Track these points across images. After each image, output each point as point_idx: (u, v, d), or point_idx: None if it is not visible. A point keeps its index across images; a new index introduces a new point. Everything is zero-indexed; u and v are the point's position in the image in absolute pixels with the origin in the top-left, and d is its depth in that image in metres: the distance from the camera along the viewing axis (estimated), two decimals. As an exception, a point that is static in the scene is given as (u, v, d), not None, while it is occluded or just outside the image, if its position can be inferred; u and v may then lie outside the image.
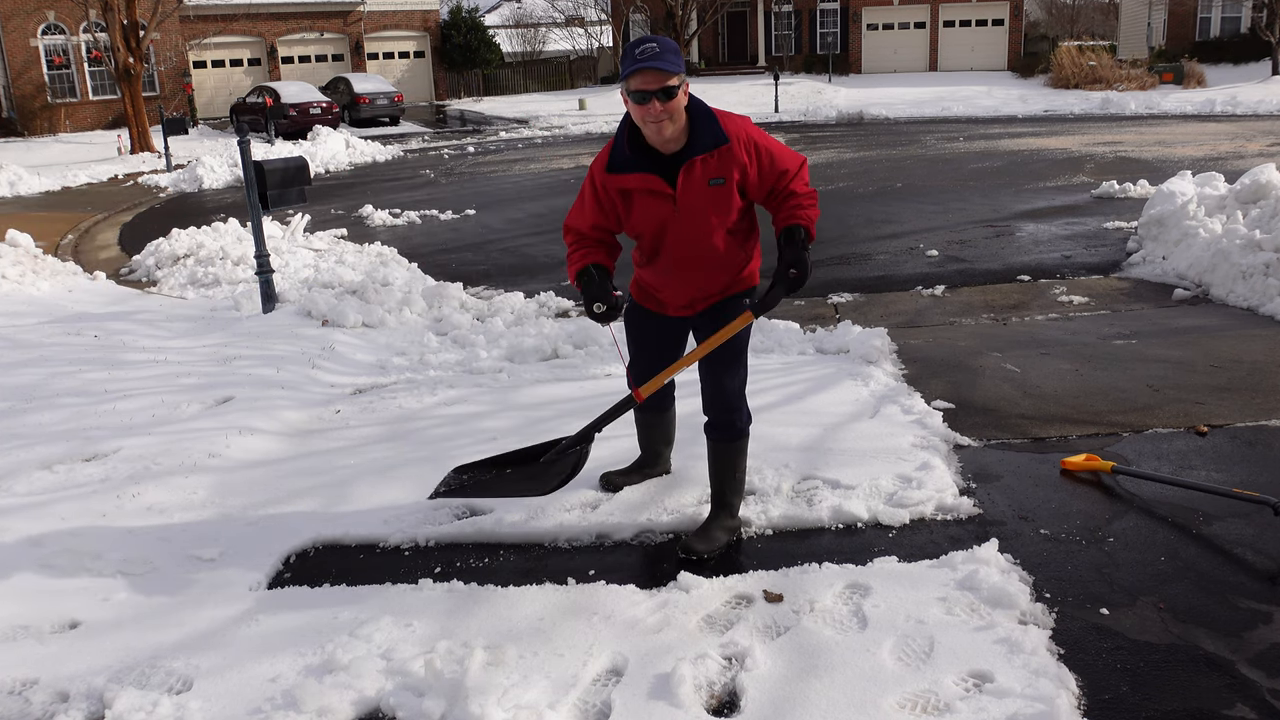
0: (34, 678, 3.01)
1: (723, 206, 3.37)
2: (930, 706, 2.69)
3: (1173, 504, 3.84)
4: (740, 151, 3.31)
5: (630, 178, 3.35)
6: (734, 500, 3.75)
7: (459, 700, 2.74)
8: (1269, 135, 18.25)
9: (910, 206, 12.08)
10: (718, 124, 3.29)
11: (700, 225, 3.39)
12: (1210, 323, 6.40)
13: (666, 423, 4.12)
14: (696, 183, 3.31)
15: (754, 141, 3.34)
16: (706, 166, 3.30)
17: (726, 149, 3.29)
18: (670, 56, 3.16)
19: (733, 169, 3.31)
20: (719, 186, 3.32)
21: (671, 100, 3.18)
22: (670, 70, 3.15)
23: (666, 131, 3.23)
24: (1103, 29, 46.93)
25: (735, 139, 3.30)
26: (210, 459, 4.71)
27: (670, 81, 3.15)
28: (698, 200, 3.34)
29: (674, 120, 3.22)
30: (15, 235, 10.38)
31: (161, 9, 25.54)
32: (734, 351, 3.60)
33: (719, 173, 3.31)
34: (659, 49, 3.17)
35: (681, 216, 3.37)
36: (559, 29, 48.96)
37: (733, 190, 3.35)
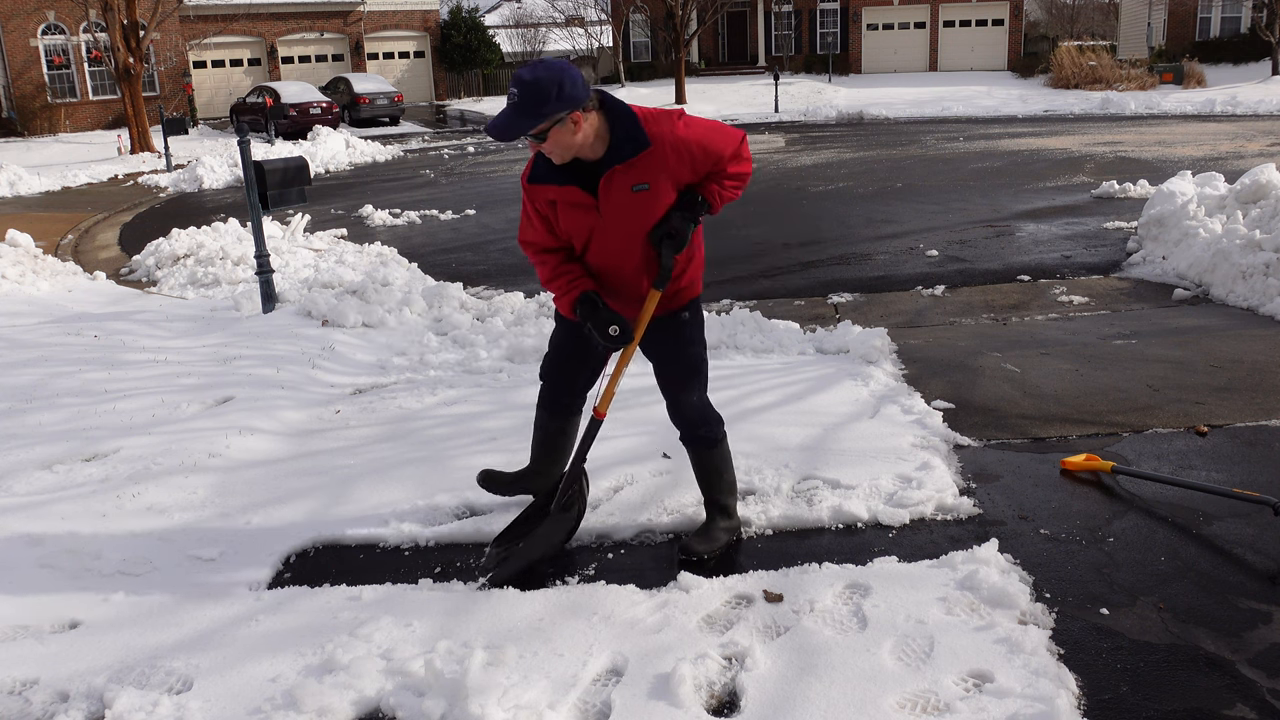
0: (34, 677, 3.01)
1: (649, 212, 3.23)
2: (930, 706, 2.69)
3: (1173, 504, 3.84)
4: (666, 154, 3.16)
5: (550, 189, 3.24)
6: (728, 501, 3.73)
7: (459, 700, 2.74)
8: (1269, 135, 18.25)
9: (910, 206, 12.08)
10: (639, 128, 3.13)
11: (626, 233, 3.27)
12: (1210, 323, 6.40)
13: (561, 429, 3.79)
14: (618, 191, 3.19)
15: (681, 141, 3.17)
16: (628, 174, 3.15)
17: (648, 154, 3.14)
18: (531, 108, 2.99)
19: (658, 173, 3.17)
20: (643, 192, 3.18)
21: (544, 141, 3.07)
22: (523, 128, 3.03)
23: (560, 160, 3.16)
24: (1103, 29, 46.91)
25: (659, 141, 3.14)
26: (210, 459, 4.71)
27: (533, 133, 3.04)
28: (621, 208, 3.22)
29: (565, 147, 3.11)
30: (15, 235, 10.38)
31: (161, 9, 25.54)
32: (687, 366, 3.52)
33: (643, 178, 3.16)
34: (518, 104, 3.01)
35: (607, 225, 3.26)
36: (559, 29, 48.94)
37: (659, 195, 3.21)
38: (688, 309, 3.50)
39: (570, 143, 3.09)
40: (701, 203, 3.28)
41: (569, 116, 3.04)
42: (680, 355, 3.52)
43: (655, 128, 3.16)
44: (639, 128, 3.14)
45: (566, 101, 3.01)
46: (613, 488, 4.18)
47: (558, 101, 3.00)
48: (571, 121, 3.05)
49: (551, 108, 3.00)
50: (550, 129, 3.05)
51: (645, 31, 43.04)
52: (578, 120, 3.06)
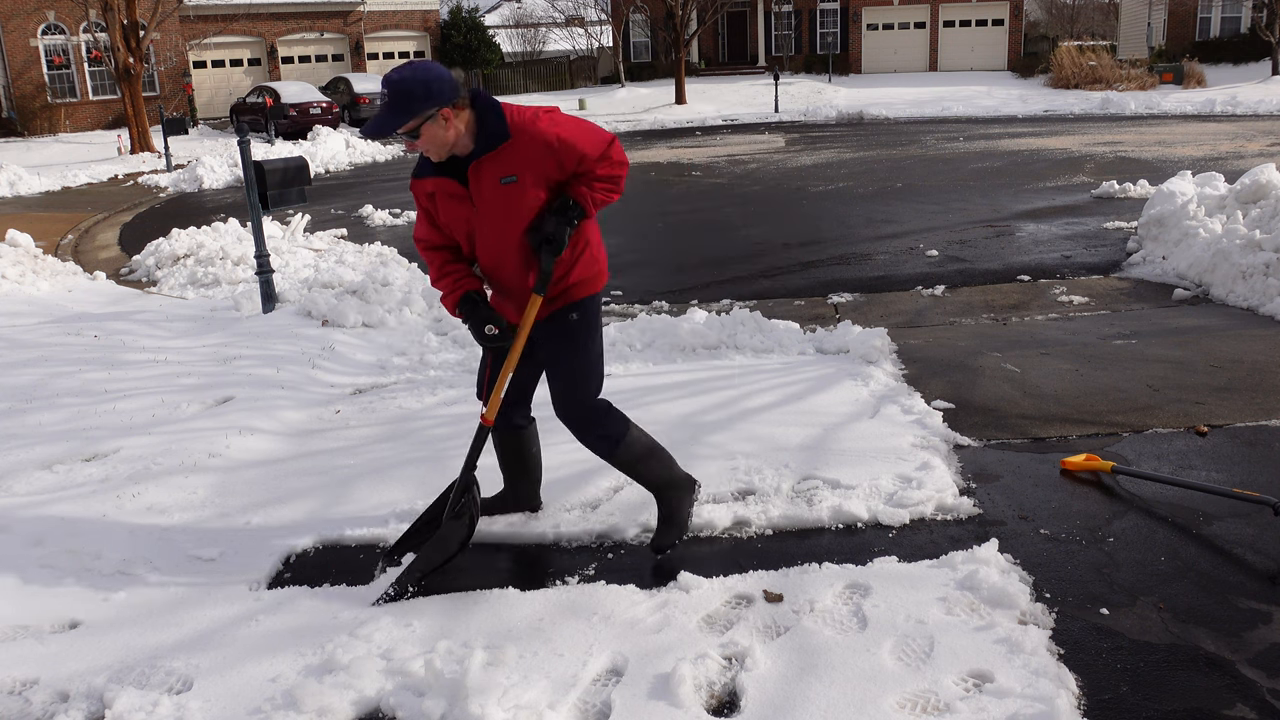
0: (34, 677, 3.01)
1: (520, 205, 3.27)
2: (930, 706, 2.69)
3: (1173, 504, 3.84)
4: (528, 146, 3.21)
5: (428, 182, 3.36)
6: (663, 474, 3.64)
7: (459, 700, 2.74)
8: (1269, 135, 18.25)
9: (910, 206, 12.08)
10: (503, 121, 3.21)
11: (500, 225, 3.32)
12: (1210, 323, 6.40)
13: (515, 447, 3.83)
14: (486, 182, 3.26)
15: (540, 133, 3.21)
16: (495, 165, 3.23)
17: (509, 145, 3.21)
18: (401, 106, 3.12)
19: (523, 166, 3.23)
20: (511, 184, 3.24)
21: (418, 139, 3.19)
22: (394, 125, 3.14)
23: (437, 157, 3.26)
24: (1103, 29, 46.92)
25: (520, 134, 3.21)
26: (210, 459, 4.71)
27: (402, 131, 3.15)
28: (491, 200, 3.27)
29: (440, 144, 3.21)
30: (15, 235, 10.38)
31: (161, 9, 25.55)
32: (571, 368, 3.48)
33: (509, 170, 3.23)
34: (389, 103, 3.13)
35: (482, 217, 3.32)
36: (559, 29, 48.94)
37: (526, 188, 3.25)
38: (576, 309, 3.46)
39: (444, 139, 3.21)
40: (573, 205, 3.28)
41: (439, 113, 3.16)
42: (563, 357, 3.48)
43: (518, 119, 3.24)
44: (502, 121, 3.23)
45: (434, 99, 3.14)
46: (613, 488, 4.18)
47: (425, 100, 3.13)
48: (442, 118, 3.17)
49: (419, 106, 3.13)
50: (422, 127, 3.17)
51: (645, 31, 43.04)
52: (448, 117, 3.18)
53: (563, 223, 3.27)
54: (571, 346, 3.48)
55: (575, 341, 3.48)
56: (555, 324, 3.47)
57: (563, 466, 4.39)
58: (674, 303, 7.87)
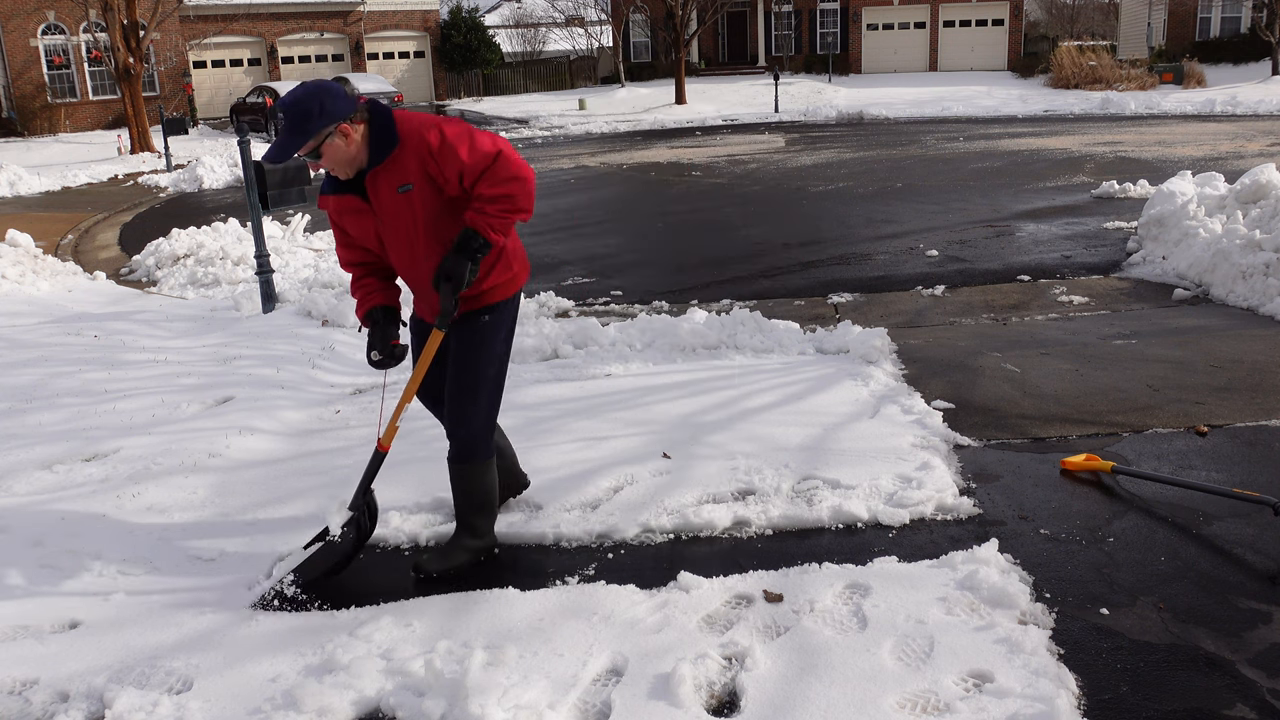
0: (34, 677, 3.01)
1: (420, 212, 3.27)
2: (930, 706, 2.69)
3: (1173, 504, 3.84)
4: (414, 152, 3.20)
5: (331, 200, 3.39)
6: (475, 521, 3.61)
7: (459, 700, 2.74)
8: (1269, 135, 18.26)
9: (910, 206, 12.09)
10: (392, 130, 3.21)
11: (405, 233, 3.33)
12: (1210, 323, 6.40)
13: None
14: (384, 192, 3.26)
15: (424, 142, 3.19)
16: (389, 175, 3.24)
17: (398, 153, 3.21)
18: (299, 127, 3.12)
19: (414, 173, 3.22)
20: (409, 192, 3.24)
21: (320, 158, 3.21)
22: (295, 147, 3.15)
23: (344, 175, 3.28)
24: (1103, 29, 46.93)
25: (406, 140, 3.20)
26: (210, 459, 4.71)
27: (303, 152, 3.17)
28: (392, 209, 3.28)
29: (343, 161, 3.22)
30: (15, 235, 10.38)
31: (161, 9, 25.54)
32: (475, 372, 3.46)
33: (404, 178, 3.23)
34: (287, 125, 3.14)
35: (386, 227, 3.34)
36: (559, 29, 48.94)
37: (426, 194, 3.24)
38: (489, 311, 3.45)
39: (345, 155, 3.22)
40: (471, 236, 3.24)
41: (337, 129, 3.17)
42: (469, 359, 3.46)
43: (405, 126, 3.24)
44: (392, 129, 3.23)
45: (330, 116, 3.16)
46: (613, 488, 4.18)
47: (321, 118, 3.14)
48: (341, 134, 3.19)
49: (316, 124, 3.14)
50: (323, 145, 3.18)
51: (645, 31, 43.04)
52: (347, 133, 3.19)
53: (462, 258, 3.23)
54: (478, 349, 3.46)
55: (484, 345, 3.46)
56: (468, 324, 3.47)
57: (563, 466, 4.39)
58: (674, 303, 7.87)
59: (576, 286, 8.75)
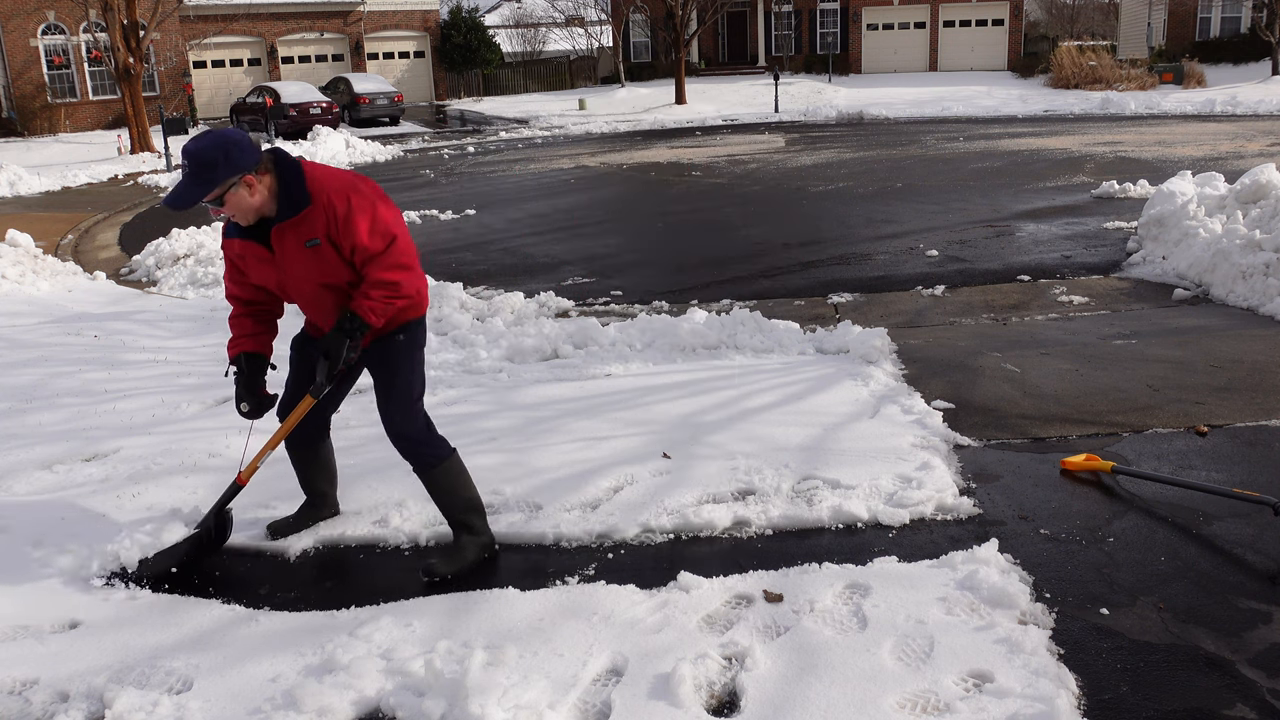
0: (34, 677, 3.01)
1: (327, 267, 3.31)
2: (930, 706, 2.69)
3: (1173, 504, 3.84)
4: (321, 214, 3.25)
5: (234, 243, 3.42)
6: (469, 518, 3.68)
7: (459, 700, 2.74)
8: (1269, 135, 18.26)
9: (910, 206, 12.08)
10: (303, 187, 3.24)
11: (309, 285, 3.37)
12: (1210, 323, 6.40)
13: (321, 458, 3.95)
14: (290, 246, 3.30)
15: (331, 206, 3.24)
16: (298, 230, 3.27)
17: (308, 212, 3.25)
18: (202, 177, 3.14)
19: (321, 231, 3.26)
20: (316, 247, 3.27)
21: (223, 206, 3.22)
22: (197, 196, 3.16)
23: (245, 221, 3.29)
24: (1103, 29, 46.92)
25: (316, 200, 3.24)
26: (210, 459, 4.72)
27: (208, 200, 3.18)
28: (298, 262, 3.32)
29: (245, 210, 3.24)
30: (15, 235, 10.37)
31: (161, 9, 25.53)
32: (401, 389, 3.54)
33: (312, 234, 3.26)
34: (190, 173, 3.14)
35: (290, 278, 3.38)
36: (559, 29, 48.93)
37: (331, 251, 3.29)
38: (403, 331, 3.51)
39: (249, 205, 3.24)
40: (351, 318, 3.30)
41: (241, 180, 3.19)
42: (391, 379, 3.54)
43: (316, 185, 3.26)
44: (303, 186, 3.25)
45: (234, 167, 3.17)
46: (613, 488, 4.18)
47: (226, 168, 3.16)
48: (245, 185, 3.21)
49: (220, 174, 3.16)
50: (226, 195, 3.19)
51: (645, 31, 43.04)
52: (251, 184, 3.22)
53: (341, 337, 3.31)
54: (397, 367, 3.53)
55: (401, 362, 3.53)
56: (383, 345, 3.51)
57: (563, 467, 4.40)
58: (674, 303, 7.87)
59: (576, 286, 8.75)
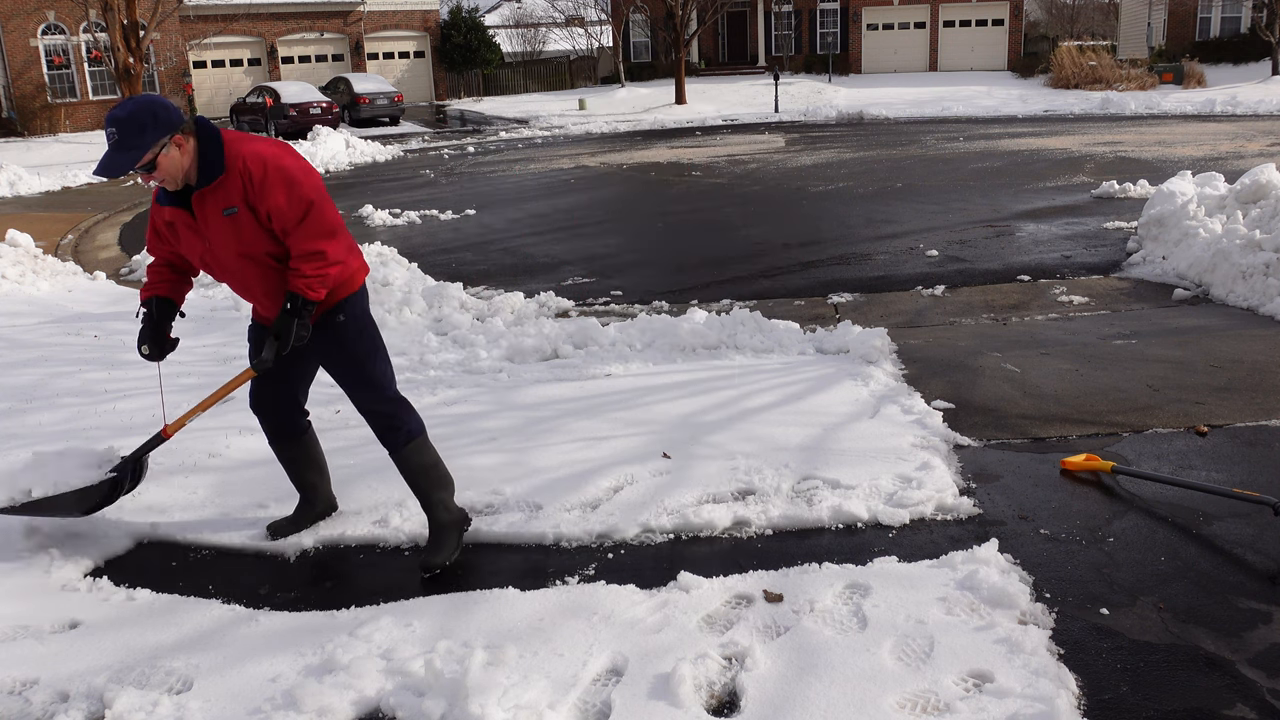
0: (34, 677, 3.01)
1: (244, 235, 3.29)
2: (930, 706, 2.69)
3: (1173, 504, 3.84)
4: (236, 180, 3.23)
5: (166, 210, 3.39)
6: (440, 496, 3.68)
7: (459, 700, 2.74)
8: (1269, 135, 18.26)
9: (910, 206, 12.08)
10: (220, 154, 3.23)
11: (230, 254, 3.35)
12: (1210, 323, 6.40)
13: (306, 450, 3.92)
14: (211, 214, 3.28)
15: (248, 171, 3.22)
16: (215, 197, 3.26)
17: (224, 179, 3.24)
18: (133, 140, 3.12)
19: (238, 198, 3.25)
20: (233, 215, 3.26)
21: (155, 170, 3.20)
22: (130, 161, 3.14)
23: (174, 186, 3.28)
24: (1103, 29, 46.90)
25: (231, 168, 3.23)
26: (210, 459, 4.72)
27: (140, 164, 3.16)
28: (218, 230, 3.30)
29: (175, 172, 3.23)
30: (15, 235, 10.37)
31: (161, 9, 25.53)
32: (356, 366, 3.54)
33: (230, 202, 3.25)
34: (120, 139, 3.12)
35: (212, 246, 3.36)
36: (559, 29, 48.93)
37: (250, 218, 3.27)
38: (340, 310, 3.49)
39: (179, 166, 3.23)
40: (292, 297, 3.29)
41: (171, 140, 3.18)
42: (345, 360, 3.53)
43: (232, 150, 3.25)
44: (220, 152, 3.25)
45: (164, 127, 3.16)
46: (613, 487, 4.18)
47: (155, 129, 3.15)
48: (175, 145, 3.20)
49: (151, 136, 3.15)
50: (159, 157, 3.17)
51: (645, 31, 43.04)
52: (180, 144, 3.21)
53: (288, 319, 3.30)
54: (346, 347, 3.52)
55: (348, 341, 3.51)
56: (324, 330, 3.50)
57: (563, 466, 4.40)
58: (674, 303, 7.87)
59: (576, 286, 8.75)
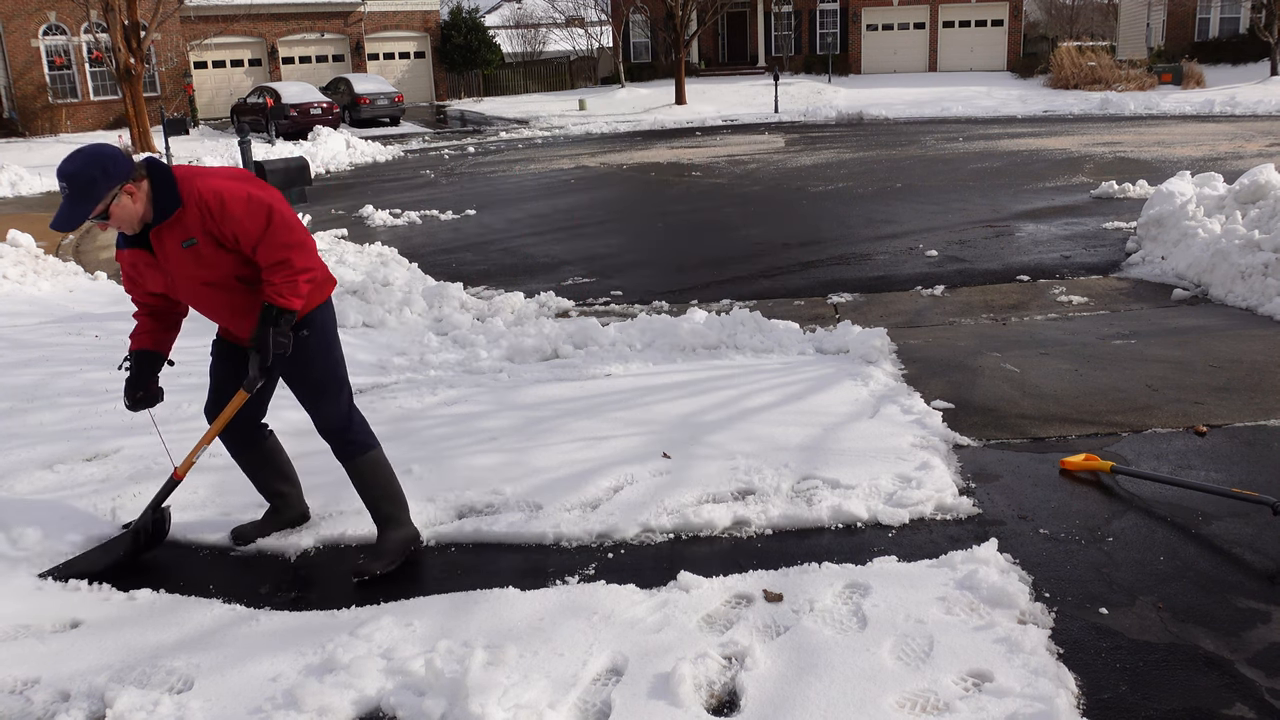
0: (35, 677, 3.02)
1: (207, 264, 3.34)
2: (930, 706, 2.69)
3: (1172, 504, 3.84)
4: (194, 211, 3.28)
5: (125, 253, 3.44)
6: (393, 510, 3.71)
7: (459, 699, 2.75)
8: (1268, 135, 18.26)
9: (910, 206, 12.09)
10: (174, 189, 3.27)
11: (193, 283, 3.40)
12: (1209, 323, 6.41)
13: (268, 459, 3.92)
14: (170, 248, 3.32)
15: (205, 201, 3.27)
16: (173, 231, 3.30)
17: (180, 213, 3.28)
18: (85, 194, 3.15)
19: (196, 229, 3.29)
20: (193, 247, 3.31)
21: (109, 219, 3.23)
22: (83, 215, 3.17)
23: (131, 230, 3.32)
24: (1102, 29, 46.91)
25: (189, 199, 3.27)
26: (211, 458, 4.70)
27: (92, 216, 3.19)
28: (180, 264, 3.35)
29: (130, 219, 3.27)
30: (16, 235, 10.37)
31: (162, 10, 25.54)
32: (316, 382, 3.57)
33: (188, 234, 3.30)
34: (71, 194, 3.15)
35: (174, 278, 3.40)
36: (559, 29, 48.93)
37: (210, 247, 3.32)
38: (305, 325, 3.52)
39: (133, 212, 3.27)
40: (268, 309, 3.33)
41: (122, 189, 3.22)
42: (306, 374, 3.56)
43: (186, 185, 3.29)
44: (174, 188, 3.29)
45: (112, 178, 3.20)
46: (613, 487, 4.19)
47: (105, 181, 3.18)
48: (126, 194, 3.24)
49: (102, 189, 3.18)
50: (111, 207, 3.21)
51: (645, 32, 43.03)
52: (132, 191, 3.25)
53: (264, 331, 3.34)
54: (309, 361, 3.54)
55: (312, 356, 3.54)
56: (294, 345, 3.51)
57: (562, 466, 4.40)
58: (674, 303, 7.87)
59: (576, 286, 8.75)
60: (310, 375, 3.56)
